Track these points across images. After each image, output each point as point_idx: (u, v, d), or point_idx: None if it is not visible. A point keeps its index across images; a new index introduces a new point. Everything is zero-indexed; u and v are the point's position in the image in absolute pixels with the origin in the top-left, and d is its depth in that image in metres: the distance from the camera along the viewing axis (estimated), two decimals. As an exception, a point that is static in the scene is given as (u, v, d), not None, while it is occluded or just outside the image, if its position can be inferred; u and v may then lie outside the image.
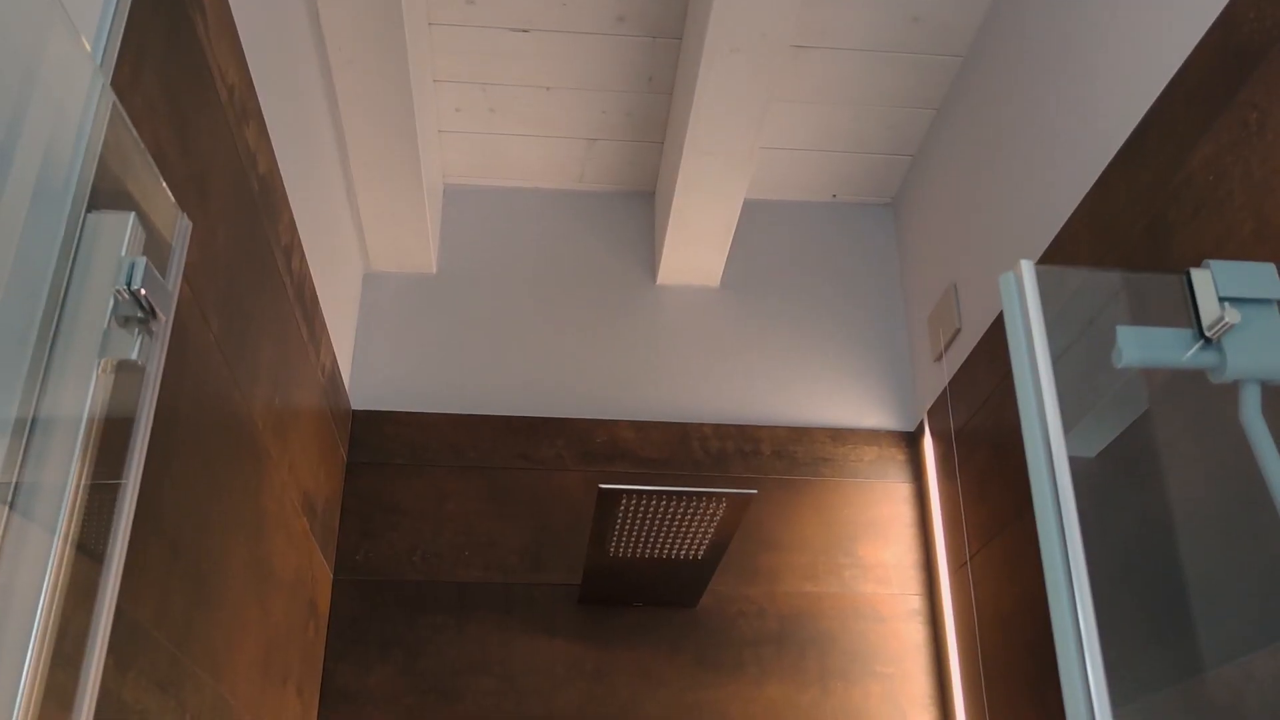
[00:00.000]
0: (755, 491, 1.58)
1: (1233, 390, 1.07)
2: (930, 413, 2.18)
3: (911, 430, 2.25)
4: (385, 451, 2.14)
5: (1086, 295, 1.43)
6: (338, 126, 1.94)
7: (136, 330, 0.88)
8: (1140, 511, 1.41)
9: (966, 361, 2.00)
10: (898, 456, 2.22)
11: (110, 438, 0.90)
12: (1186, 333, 0.99)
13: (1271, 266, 1.01)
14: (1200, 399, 1.28)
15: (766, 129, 2.29)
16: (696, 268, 2.32)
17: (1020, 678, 1.75)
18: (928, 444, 2.18)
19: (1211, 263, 1.00)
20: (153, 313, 0.89)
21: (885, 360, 2.33)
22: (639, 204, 2.46)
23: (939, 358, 2.14)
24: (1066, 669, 0.93)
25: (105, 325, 0.87)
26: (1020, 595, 1.76)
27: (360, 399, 2.18)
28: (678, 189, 2.11)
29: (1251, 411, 0.96)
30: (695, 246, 2.25)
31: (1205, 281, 0.99)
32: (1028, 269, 0.97)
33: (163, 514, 1.14)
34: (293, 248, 1.65)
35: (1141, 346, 0.97)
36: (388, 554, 2.05)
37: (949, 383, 2.08)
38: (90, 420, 0.87)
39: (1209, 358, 0.98)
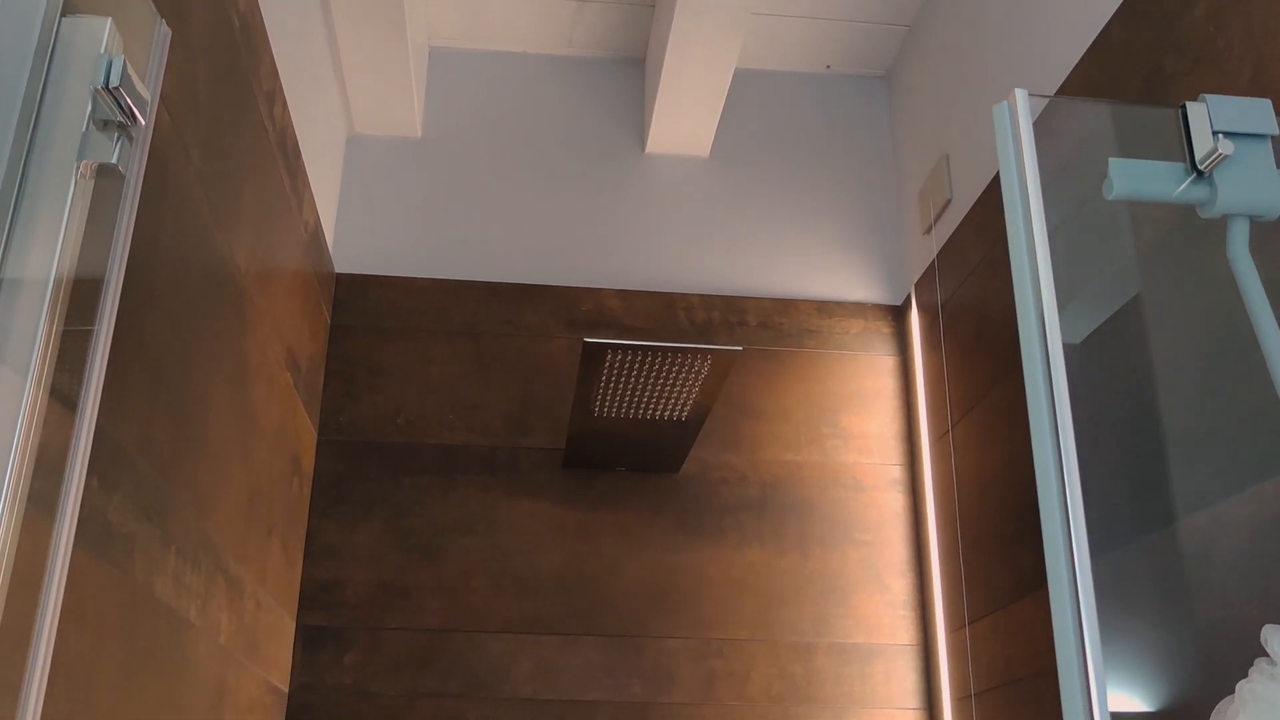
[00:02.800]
0: (740, 348, 1.59)
1: (1220, 255, 1.06)
2: (917, 286, 2.18)
3: (898, 304, 2.25)
4: (369, 315, 2.13)
5: (1078, 168, 1.42)
6: (321, -24, 1.89)
7: (116, 134, 0.87)
8: (1121, 382, 1.42)
9: (955, 233, 1.99)
10: (883, 330, 2.22)
11: (88, 260, 0.89)
12: (1179, 166, 0.98)
13: (1268, 102, 1.00)
14: (1184, 271, 1.28)
15: (760, -5, 2.24)
16: (686, 137, 2.29)
17: (995, 541, 1.78)
18: (914, 317, 2.18)
19: (1207, 96, 0.98)
20: (132, 116, 0.87)
21: (874, 234, 2.32)
22: (629, 71, 2.41)
23: (928, 230, 2.13)
24: (1049, 523, 0.94)
25: (84, 127, 0.85)
26: (998, 461, 1.78)
27: (344, 262, 2.16)
28: (669, 51, 2.07)
29: (1239, 247, 0.96)
30: (685, 113, 2.22)
31: (1200, 114, 0.97)
32: (1021, 98, 0.96)
33: (146, 342, 1.14)
34: (275, 94, 1.62)
35: (1132, 178, 0.97)
36: (372, 416, 2.06)
37: (937, 254, 2.07)
38: (69, 228, 0.86)
39: (1199, 191, 0.97)
